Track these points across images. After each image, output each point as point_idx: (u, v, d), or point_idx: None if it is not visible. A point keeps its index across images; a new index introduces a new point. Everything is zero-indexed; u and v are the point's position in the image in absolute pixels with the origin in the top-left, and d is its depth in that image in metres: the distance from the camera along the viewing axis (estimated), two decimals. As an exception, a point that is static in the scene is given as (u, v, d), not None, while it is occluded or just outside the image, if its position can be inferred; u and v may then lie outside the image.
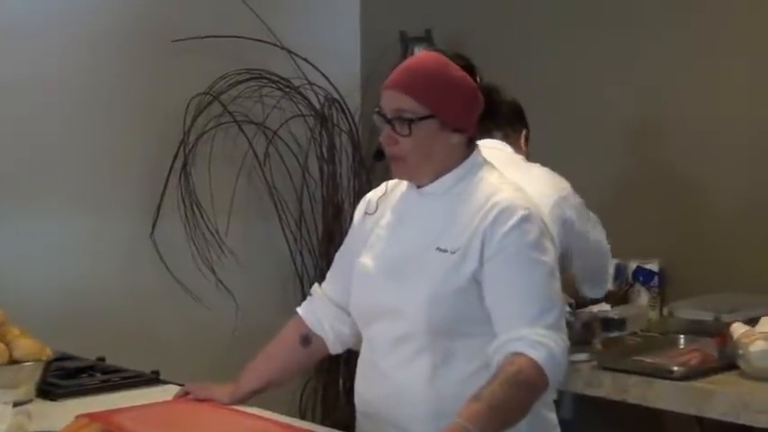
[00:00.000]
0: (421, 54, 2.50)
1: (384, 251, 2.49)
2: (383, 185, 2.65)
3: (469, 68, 2.45)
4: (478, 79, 2.46)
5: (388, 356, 2.43)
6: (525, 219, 2.34)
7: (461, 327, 2.36)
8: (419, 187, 2.48)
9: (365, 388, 2.54)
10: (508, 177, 2.51)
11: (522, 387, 2.21)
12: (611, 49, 4.48)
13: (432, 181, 2.45)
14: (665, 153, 4.34)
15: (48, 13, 4.44)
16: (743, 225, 4.07)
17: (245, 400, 2.72)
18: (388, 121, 2.39)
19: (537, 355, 2.22)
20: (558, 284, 2.37)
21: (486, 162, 2.50)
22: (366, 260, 2.52)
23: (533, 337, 2.24)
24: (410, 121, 2.36)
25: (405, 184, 2.55)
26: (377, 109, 2.43)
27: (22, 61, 4.35)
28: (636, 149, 4.43)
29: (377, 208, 2.60)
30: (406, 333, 2.38)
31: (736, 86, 4.11)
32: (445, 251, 2.37)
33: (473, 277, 2.34)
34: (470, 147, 2.48)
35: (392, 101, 2.39)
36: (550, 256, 2.36)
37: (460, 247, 2.35)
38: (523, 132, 3.60)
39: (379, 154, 2.50)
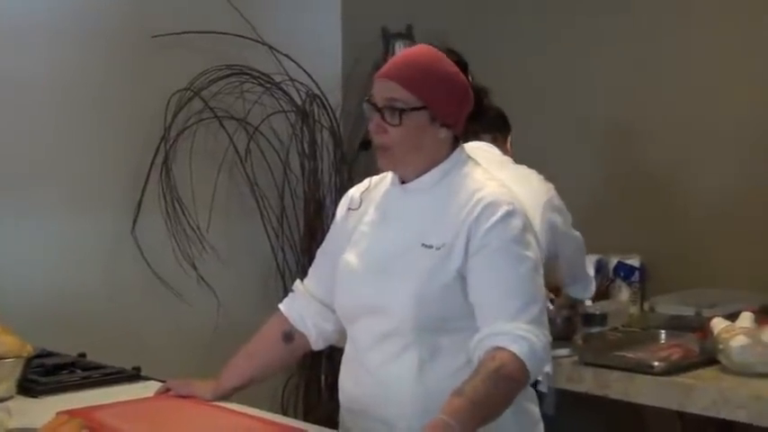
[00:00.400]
0: (416, 47, 2.49)
1: (369, 248, 2.48)
2: (366, 181, 2.65)
3: (462, 65, 2.46)
4: (470, 78, 2.47)
5: (374, 353, 2.43)
6: (509, 214, 2.34)
7: (448, 322, 2.36)
8: (403, 183, 2.48)
9: (350, 385, 2.53)
10: (495, 176, 2.51)
11: (503, 382, 2.21)
12: (594, 48, 4.48)
13: (416, 176, 2.45)
14: (645, 151, 4.35)
15: (30, 11, 4.41)
16: (722, 221, 4.08)
17: (226, 396, 2.71)
18: (379, 110, 2.39)
19: (518, 349, 2.22)
20: (540, 280, 2.37)
21: (469, 158, 2.50)
22: (350, 257, 2.51)
23: (515, 331, 2.24)
24: (401, 111, 2.36)
25: (388, 180, 2.55)
26: (367, 97, 2.43)
27: (2, 59, 4.33)
28: (617, 148, 4.44)
29: (360, 203, 2.59)
30: (392, 329, 2.38)
31: (716, 87, 4.12)
32: (431, 247, 2.36)
33: (459, 273, 2.34)
34: (455, 145, 2.48)
35: (385, 90, 2.39)
36: (534, 252, 2.36)
37: (446, 243, 2.35)
38: (509, 137, 3.64)
39: (366, 144, 2.50)
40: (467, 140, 2.58)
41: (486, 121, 3.36)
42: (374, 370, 2.43)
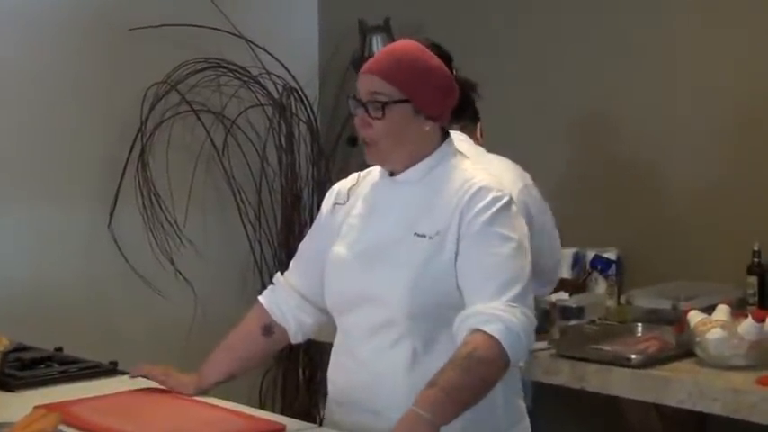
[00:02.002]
0: (399, 41, 2.51)
1: (359, 239, 2.48)
2: (354, 176, 2.65)
3: (446, 58, 2.47)
4: (455, 71, 2.48)
5: (367, 344, 2.43)
6: (497, 199, 2.35)
7: (442, 312, 2.35)
8: (392, 176, 2.49)
9: (340, 377, 2.53)
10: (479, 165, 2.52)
11: (477, 366, 2.20)
12: (569, 41, 4.49)
13: (404, 169, 2.45)
14: (622, 145, 4.36)
15: (4, 2, 4.40)
16: (699, 214, 4.10)
17: (208, 390, 2.71)
18: (363, 105, 2.40)
19: (492, 329, 2.21)
20: (525, 261, 2.35)
21: (458, 151, 2.51)
22: (340, 249, 2.51)
23: (490, 311, 2.24)
24: (384, 104, 2.37)
25: (375, 174, 2.55)
26: (353, 94, 2.44)
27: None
28: (593, 141, 4.45)
29: (348, 198, 2.59)
30: (386, 320, 2.38)
31: (693, 81, 4.13)
32: (423, 236, 2.37)
33: (451, 261, 2.34)
34: (443, 136, 2.49)
35: (368, 84, 2.40)
36: (519, 233, 2.37)
37: (439, 232, 2.36)
38: (479, 125, 3.62)
39: (352, 140, 2.51)
40: None
41: (468, 112, 3.36)
42: (367, 361, 2.43)
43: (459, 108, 2.53)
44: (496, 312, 2.23)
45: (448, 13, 4.91)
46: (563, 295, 3.91)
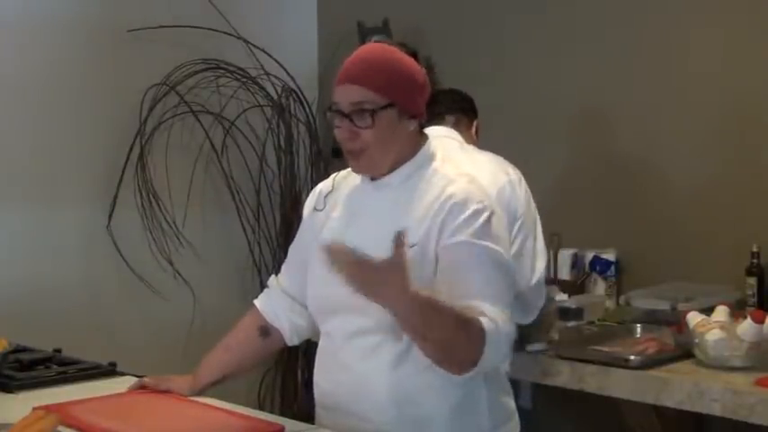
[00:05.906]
0: (367, 46, 2.48)
1: None
2: (331, 179, 2.64)
3: (412, 54, 2.44)
4: (424, 67, 2.46)
5: (349, 348, 2.42)
6: (478, 212, 2.31)
7: None
8: (373, 179, 2.47)
9: (325, 380, 2.52)
10: (461, 167, 2.50)
11: (465, 328, 2.12)
12: (566, 40, 4.49)
13: (387, 173, 2.44)
14: (621, 146, 4.36)
15: (1, 5, 4.40)
16: (698, 216, 4.09)
17: (203, 391, 2.71)
18: (347, 116, 2.37)
19: (486, 324, 2.14)
20: (508, 278, 2.30)
21: (438, 153, 2.49)
22: (321, 255, 2.49)
23: (490, 314, 2.16)
24: (372, 112, 2.34)
25: (354, 177, 2.54)
26: (331, 105, 2.40)
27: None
28: (592, 143, 4.44)
29: (325, 205, 2.59)
30: (366, 326, 2.36)
31: (693, 83, 4.13)
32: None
33: (432, 271, 2.31)
34: (422, 136, 2.47)
35: (349, 95, 2.36)
36: (503, 246, 2.32)
37: (418, 242, 2.32)
38: (474, 122, 3.57)
39: (337, 151, 2.47)
40: (429, 124, 2.56)
41: (449, 102, 3.30)
42: (350, 365, 2.42)
43: (431, 99, 2.50)
44: (493, 316, 2.17)
45: (447, 13, 4.91)
46: (562, 296, 3.91)
